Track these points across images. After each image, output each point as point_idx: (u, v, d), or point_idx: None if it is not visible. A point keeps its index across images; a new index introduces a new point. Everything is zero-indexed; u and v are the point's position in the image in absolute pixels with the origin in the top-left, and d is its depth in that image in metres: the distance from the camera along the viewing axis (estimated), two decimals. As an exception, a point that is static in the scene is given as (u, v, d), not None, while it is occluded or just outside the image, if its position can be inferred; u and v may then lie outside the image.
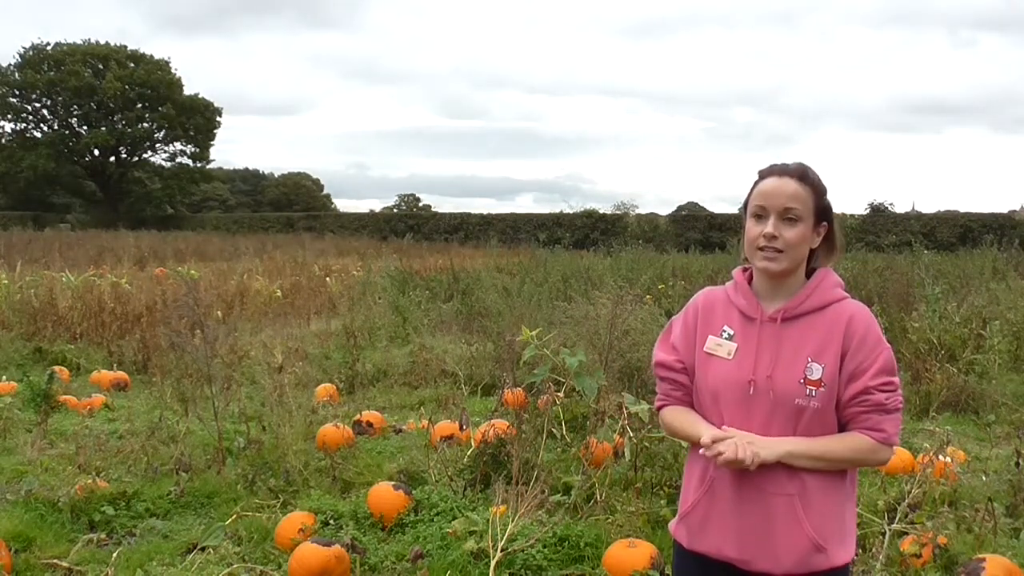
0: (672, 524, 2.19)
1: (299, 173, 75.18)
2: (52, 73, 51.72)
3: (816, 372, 1.97)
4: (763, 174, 2.07)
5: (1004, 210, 33.92)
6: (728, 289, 2.16)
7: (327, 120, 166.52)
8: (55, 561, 3.89)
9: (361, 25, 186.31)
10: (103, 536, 4.32)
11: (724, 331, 2.09)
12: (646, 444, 4.64)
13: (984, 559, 3.51)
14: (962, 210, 34.55)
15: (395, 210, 61.14)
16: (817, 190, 2.04)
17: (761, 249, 2.02)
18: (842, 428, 2.01)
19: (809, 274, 2.09)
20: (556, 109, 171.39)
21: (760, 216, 2.03)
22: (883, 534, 3.86)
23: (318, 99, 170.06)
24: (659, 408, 2.22)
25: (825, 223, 2.06)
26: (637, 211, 39.57)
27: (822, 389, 1.97)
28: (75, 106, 52.72)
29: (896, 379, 2.00)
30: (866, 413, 1.97)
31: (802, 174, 2.03)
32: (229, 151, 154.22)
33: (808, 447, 1.96)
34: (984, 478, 4.71)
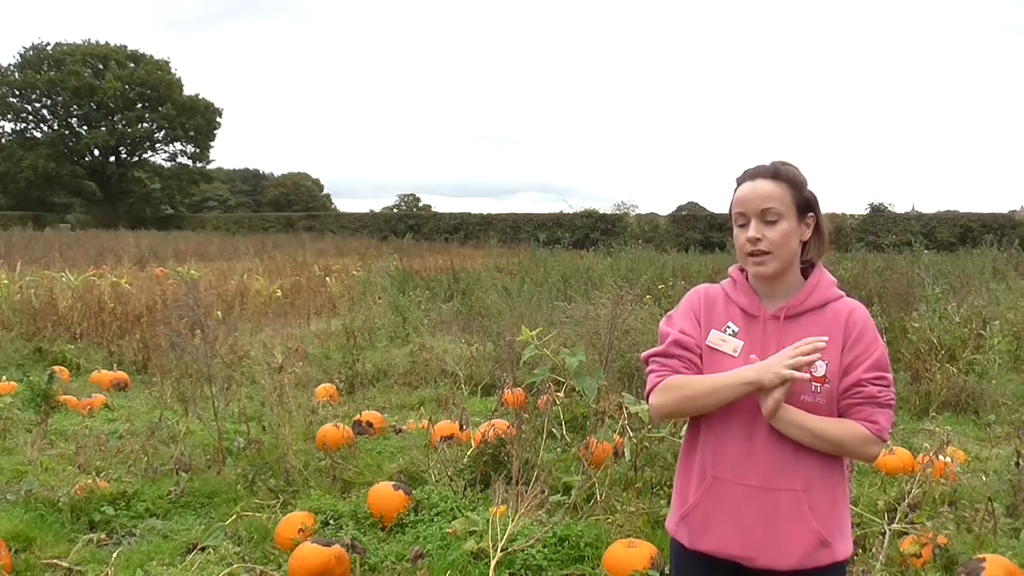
0: (669, 524, 2.18)
1: (299, 173, 75.29)
2: (52, 73, 51.72)
3: (821, 368, 1.98)
4: (739, 180, 2.08)
5: (1004, 210, 33.95)
6: (726, 287, 2.15)
7: (327, 120, 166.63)
8: (55, 561, 3.89)
9: (359, 26, 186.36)
10: (103, 536, 4.31)
11: (728, 327, 2.08)
12: (646, 444, 4.64)
13: (984, 559, 3.51)
14: (962, 210, 34.56)
15: (395, 210, 61.10)
16: (794, 184, 2.03)
17: (750, 255, 2.03)
18: None
19: (805, 269, 2.10)
20: (554, 109, 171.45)
21: (742, 223, 2.05)
22: (883, 534, 3.87)
23: (317, 99, 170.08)
24: (660, 382, 2.06)
25: (812, 214, 2.06)
26: (637, 211, 39.57)
27: (827, 385, 1.98)
28: (75, 106, 52.71)
29: (889, 375, 2.02)
30: (859, 405, 1.98)
31: (774, 172, 2.03)
32: (229, 151, 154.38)
33: (803, 418, 1.95)
34: (984, 478, 4.71)
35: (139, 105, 53.57)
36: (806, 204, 2.05)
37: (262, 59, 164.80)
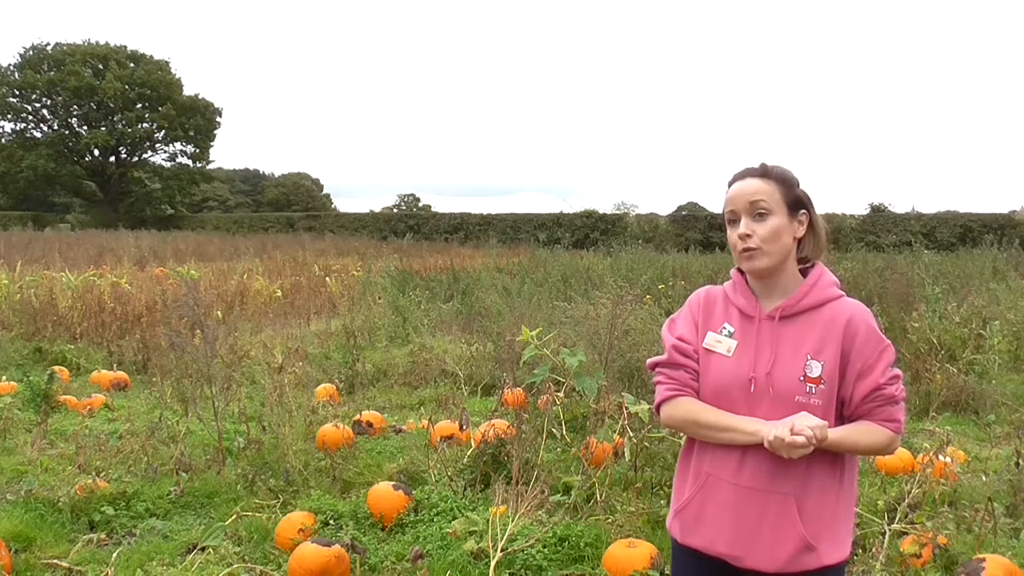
0: (668, 519, 2.22)
1: (299, 173, 75.25)
2: (52, 73, 51.71)
3: (816, 369, 1.98)
4: (729, 182, 2.11)
5: (1004, 210, 33.91)
6: (727, 288, 2.17)
7: (327, 120, 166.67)
8: (55, 561, 3.89)
9: (359, 26, 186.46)
10: (103, 536, 4.32)
11: (724, 328, 2.10)
12: (646, 444, 4.64)
13: (984, 559, 3.51)
14: (962, 210, 34.52)
15: (395, 210, 61.07)
16: (782, 181, 2.06)
17: (742, 251, 2.05)
18: (849, 422, 2.03)
19: (805, 270, 2.11)
20: (554, 109, 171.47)
21: (733, 221, 2.07)
22: (883, 534, 3.87)
23: (317, 99, 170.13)
24: (671, 398, 2.10)
25: (804, 212, 2.08)
26: (637, 211, 39.54)
27: (822, 386, 1.98)
28: (75, 106, 52.71)
29: (899, 370, 2.04)
30: (881, 407, 2.00)
31: (763, 171, 2.07)
32: (229, 151, 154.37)
33: (840, 437, 1.96)
34: (984, 478, 4.70)
35: (139, 105, 53.56)
36: (797, 201, 2.07)
37: (262, 59, 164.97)
